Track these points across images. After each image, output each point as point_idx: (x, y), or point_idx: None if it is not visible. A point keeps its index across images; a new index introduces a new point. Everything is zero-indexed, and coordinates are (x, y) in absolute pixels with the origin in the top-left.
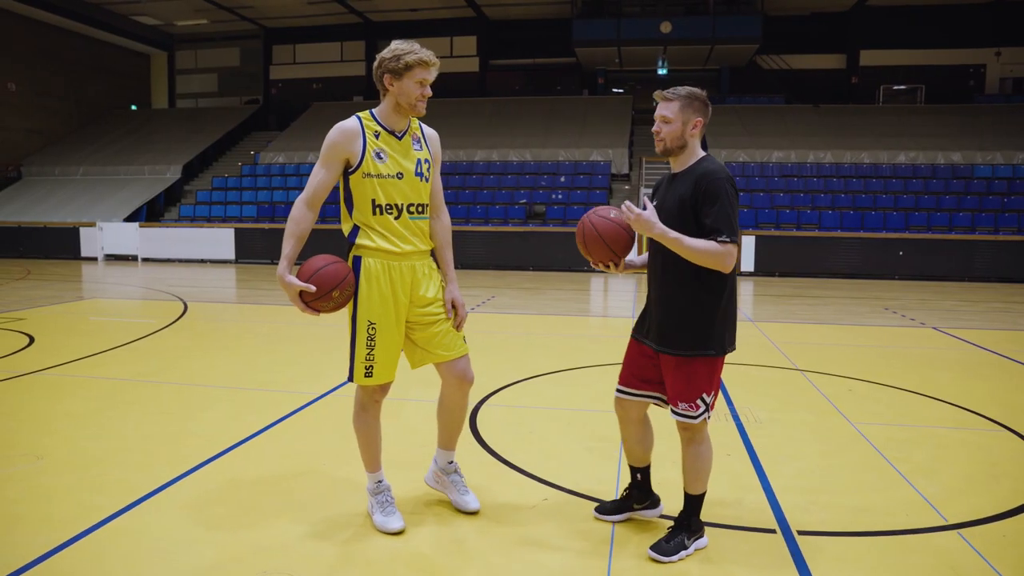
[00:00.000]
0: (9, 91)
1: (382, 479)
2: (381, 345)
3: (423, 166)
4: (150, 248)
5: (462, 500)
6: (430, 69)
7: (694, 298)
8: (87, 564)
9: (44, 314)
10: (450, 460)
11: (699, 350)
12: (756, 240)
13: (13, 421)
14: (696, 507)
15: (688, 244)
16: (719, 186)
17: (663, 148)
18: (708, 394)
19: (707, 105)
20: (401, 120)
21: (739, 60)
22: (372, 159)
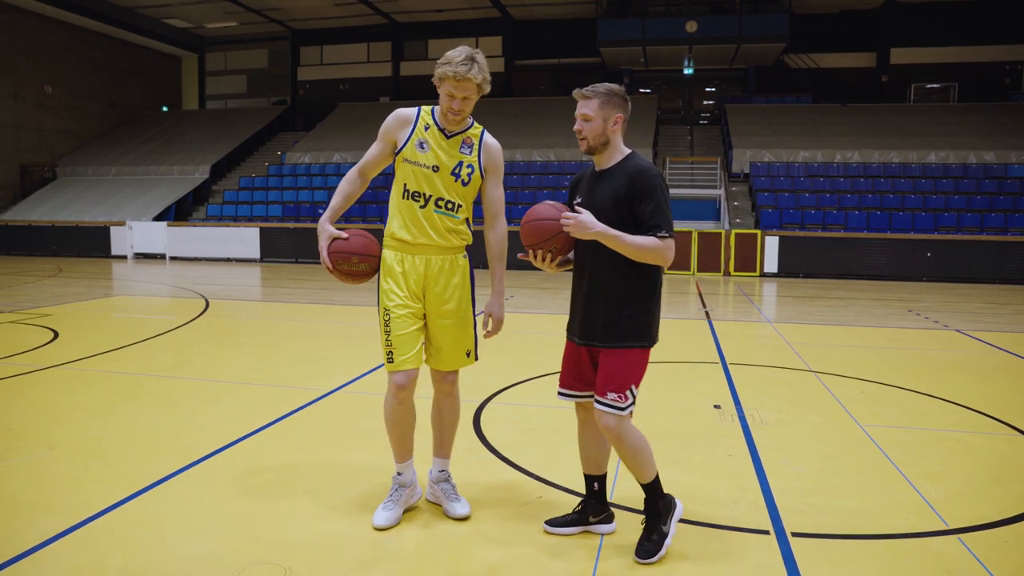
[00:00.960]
0: (46, 94)
1: (401, 472)
2: (396, 332)
3: (464, 169)
4: (178, 247)
5: (451, 507)
6: (459, 86)
7: (627, 292)
8: (85, 552)
9: (71, 310)
10: (442, 468)
11: (632, 341)
12: (780, 240)
13: (30, 412)
14: (655, 492)
15: (629, 241)
16: (653, 183)
17: (587, 146)
18: (636, 385)
19: (627, 101)
20: (451, 123)
21: (766, 59)
22: (414, 146)
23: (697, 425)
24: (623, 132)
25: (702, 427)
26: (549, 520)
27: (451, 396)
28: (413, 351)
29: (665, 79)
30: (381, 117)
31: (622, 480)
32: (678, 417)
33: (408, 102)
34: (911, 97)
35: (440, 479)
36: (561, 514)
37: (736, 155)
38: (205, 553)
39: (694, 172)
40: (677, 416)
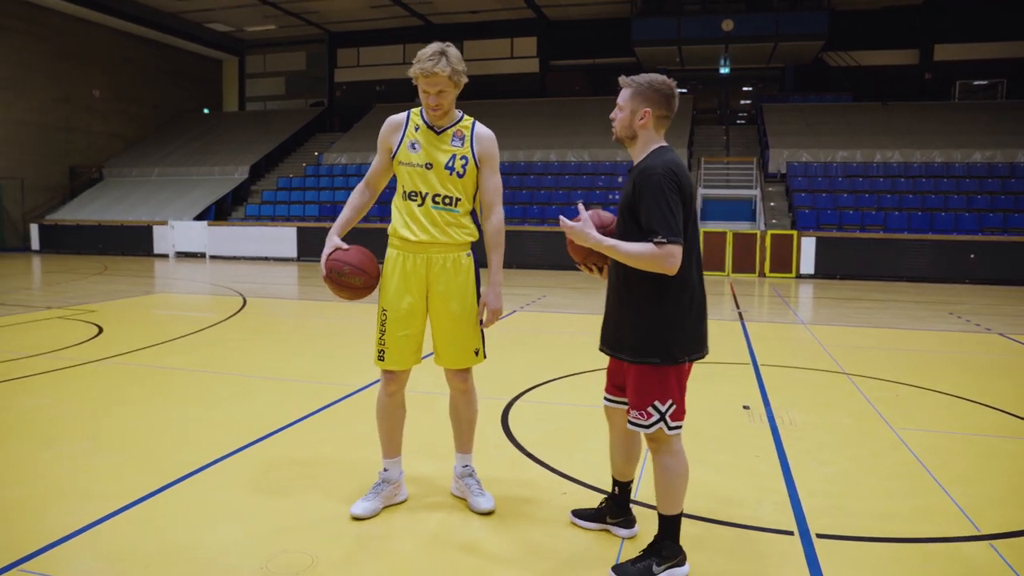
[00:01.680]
0: (94, 97)
1: (387, 468)
2: (391, 332)
3: (457, 162)
4: (217, 246)
5: (475, 502)
6: (429, 81)
7: (636, 304)
8: (124, 537)
9: (115, 307)
10: (465, 464)
11: (642, 357)
12: (816, 242)
13: (74, 404)
14: (669, 531)
15: (623, 249)
16: (653, 183)
17: (614, 135)
18: (662, 403)
19: (666, 97)
20: (439, 118)
21: (804, 57)
22: (406, 148)
23: (725, 426)
24: (658, 128)
25: (730, 428)
26: (575, 511)
27: (466, 393)
28: (404, 353)
29: (701, 79)
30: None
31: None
32: (706, 417)
33: None
34: (956, 95)
35: (464, 474)
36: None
37: (772, 155)
38: (236, 541)
39: (729, 172)
40: (705, 416)
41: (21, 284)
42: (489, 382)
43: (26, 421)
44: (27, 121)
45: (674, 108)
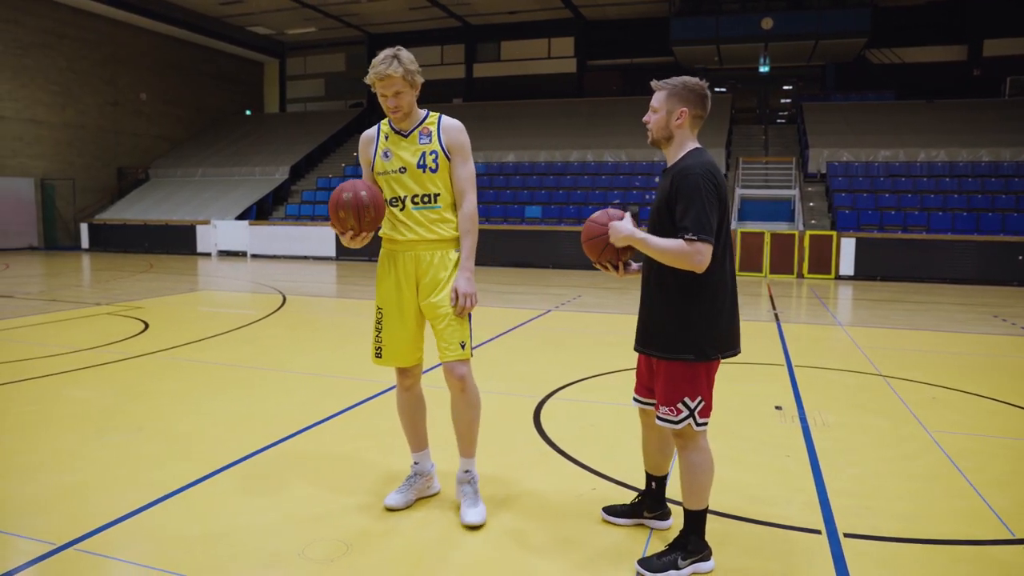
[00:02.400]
0: (141, 101)
1: (417, 462)
2: (386, 329)
3: (427, 158)
4: (258, 245)
5: (462, 513)
6: (384, 83)
7: (670, 301)
8: (168, 522)
9: (160, 304)
10: (466, 469)
11: (674, 354)
12: (856, 242)
13: (122, 396)
14: (695, 526)
15: (654, 244)
16: (691, 182)
17: (650, 138)
18: (692, 399)
19: (701, 97)
20: (400, 120)
21: (846, 55)
22: (380, 159)
23: (756, 425)
24: (693, 128)
25: (761, 427)
26: (606, 507)
27: (464, 393)
28: (401, 350)
29: (740, 78)
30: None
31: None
32: (737, 417)
33: (480, 104)
34: (1007, 91)
35: (463, 480)
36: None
37: (812, 155)
38: (274, 528)
39: (768, 172)
40: (736, 416)
41: (72, 281)
42: (522, 380)
43: (77, 411)
44: (78, 124)
45: (708, 108)
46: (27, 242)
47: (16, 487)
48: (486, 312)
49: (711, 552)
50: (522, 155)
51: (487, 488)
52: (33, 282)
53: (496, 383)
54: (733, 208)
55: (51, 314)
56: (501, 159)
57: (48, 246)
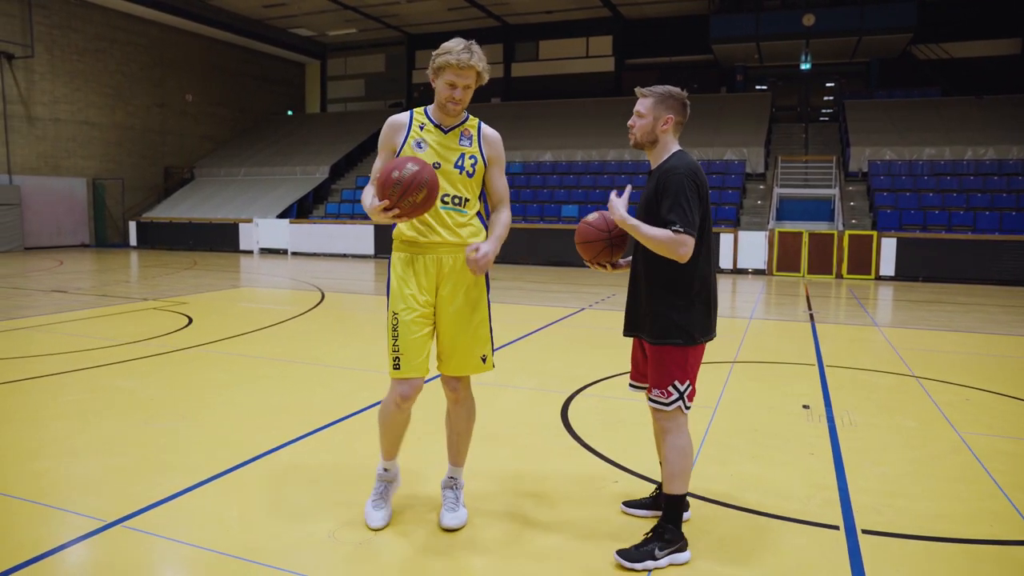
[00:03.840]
0: (187, 102)
1: (389, 468)
2: (403, 337)
3: (467, 161)
4: (299, 243)
5: (442, 515)
6: (462, 74)
7: (661, 290)
8: (208, 504)
9: (203, 299)
10: (452, 476)
11: (665, 339)
12: (898, 242)
13: (167, 387)
14: (672, 512)
15: (644, 231)
16: (676, 180)
17: (634, 141)
18: (681, 382)
19: (683, 105)
20: (448, 117)
21: (890, 51)
22: (411, 147)
23: (782, 423)
24: (675, 133)
25: (787, 425)
26: (626, 501)
27: (464, 403)
28: (420, 358)
29: (780, 75)
30: (492, 117)
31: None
32: (763, 415)
33: (518, 103)
34: None
35: (447, 485)
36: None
37: (854, 153)
38: (307, 511)
39: (808, 171)
40: (763, 414)
41: (121, 277)
42: (552, 376)
43: (126, 400)
44: (127, 125)
45: (687, 115)
46: (80, 239)
47: (70, 468)
48: (520, 310)
49: (687, 543)
50: (559, 154)
51: (512, 479)
52: (84, 278)
53: (526, 378)
54: (771, 208)
55: (101, 308)
56: (538, 158)
57: (99, 243)
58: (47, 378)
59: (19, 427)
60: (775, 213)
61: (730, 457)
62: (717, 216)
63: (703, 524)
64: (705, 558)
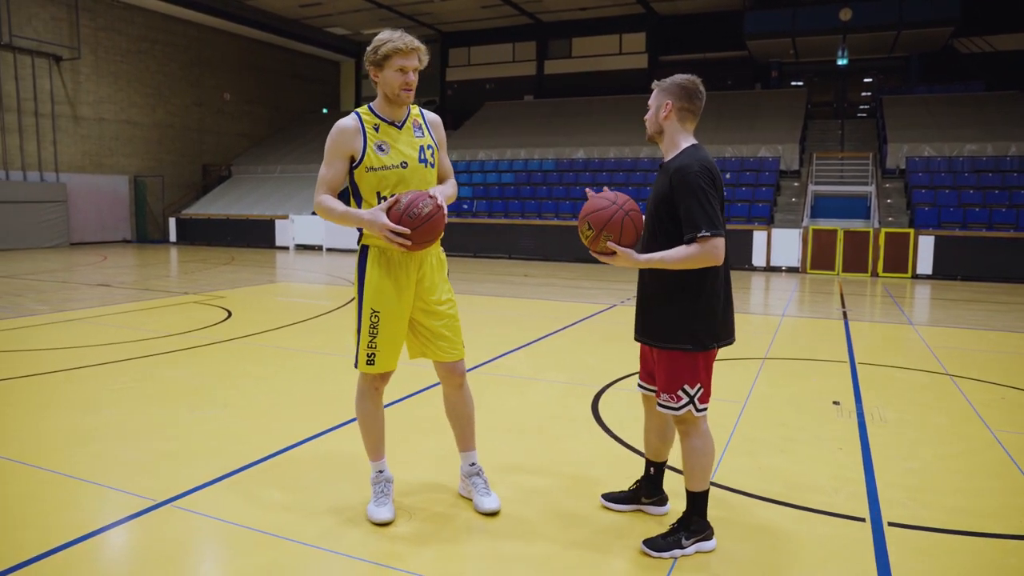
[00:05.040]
0: (224, 100)
1: (383, 469)
2: (384, 334)
3: (426, 152)
4: (333, 239)
5: (480, 501)
6: (408, 56)
7: (668, 294)
8: (249, 488)
9: (241, 294)
10: (471, 462)
11: (674, 344)
12: (936, 240)
13: (210, 377)
14: (697, 506)
15: (670, 259)
16: (691, 180)
17: (647, 134)
18: (691, 386)
19: (686, 90)
20: (397, 110)
21: (932, 44)
22: (374, 152)
23: (811, 419)
24: (682, 122)
25: (816, 421)
26: (605, 494)
27: (463, 388)
28: (395, 354)
29: (817, 71)
30: (525, 115)
31: (727, 461)
32: (793, 410)
33: (551, 100)
34: None
35: (471, 473)
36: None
37: (891, 150)
38: (345, 496)
39: (844, 168)
40: (792, 409)
41: (161, 272)
42: (584, 371)
43: (169, 389)
44: (167, 124)
45: (697, 102)
46: (122, 235)
47: (121, 451)
48: (553, 306)
49: (713, 532)
50: (592, 151)
51: (543, 472)
52: (127, 273)
53: (558, 373)
54: (806, 205)
55: (144, 302)
56: (571, 155)
57: (140, 239)
58: (98, 367)
59: (75, 412)
60: (809, 211)
61: (758, 450)
62: (751, 214)
63: (728, 514)
64: (730, 547)
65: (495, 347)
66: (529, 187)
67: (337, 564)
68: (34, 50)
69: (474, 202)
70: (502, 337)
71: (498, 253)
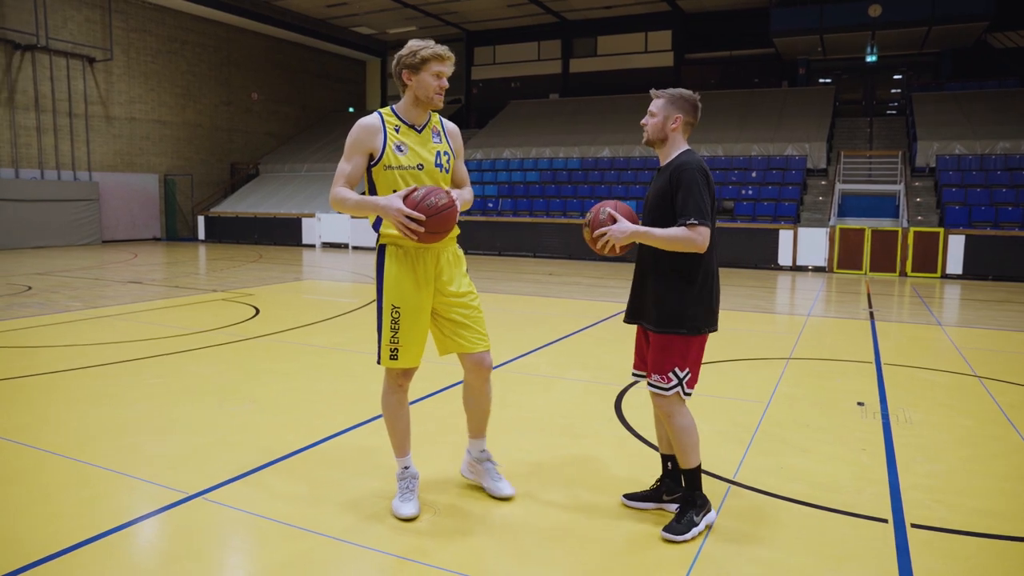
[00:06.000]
0: (252, 100)
1: (409, 465)
2: (405, 329)
3: (443, 158)
4: (359, 237)
5: (495, 487)
6: (445, 63)
7: (667, 281)
8: (278, 481)
9: (269, 291)
10: (482, 449)
11: (670, 328)
12: (966, 240)
13: (237, 373)
14: (694, 481)
15: (657, 235)
16: (689, 175)
17: (645, 139)
18: (681, 369)
19: (694, 106)
20: (420, 114)
21: (964, 40)
22: (393, 152)
23: (835, 419)
24: (684, 133)
25: (840, 422)
26: (627, 494)
27: (488, 381)
28: (418, 350)
29: (845, 68)
30: (550, 114)
31: (749, 460)
32: (815, 411)
33: (576, 99)
34: None
35: (483, 459)
36: None
37: (921, 148)
38: (370, 491)
39: (872, 167)
40: (815, 410)
41: (191, 270)
42: (607, 369)
43: (199, 385)
44: (196, 123)
45: (698, 116)
46: (152, 233)
47: (152, 445)
48: (578, 304)
49: (709, 501)
50: (617, 150)
51: (566, 469)
52: (157, 270)
53: (580, 371)
54: (833, 204)
55: (173, 299)
56: (596, 154)
57: (169, 237)
58: (130, 363)
59: (109, 407)
60: (836, 209)
61: (780, 450)
62: (777, 212)
63: (748, 512)
64: (749, 546)
65: (519, 346)
66: (554, 186)
67: (362, 557)
68: (68, 52)
69: (499, 201)
70: (526, 336)
71: (523, 252)
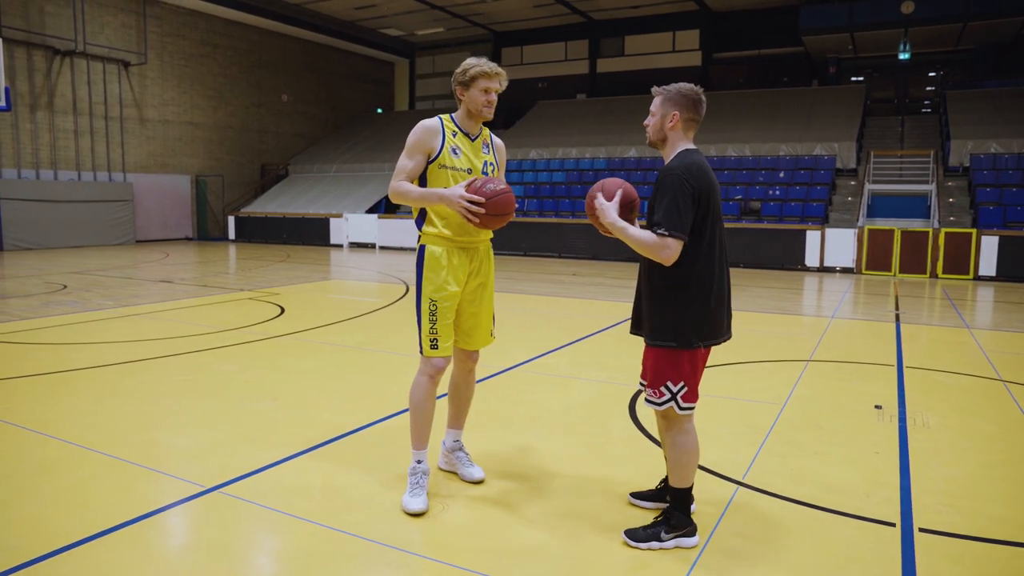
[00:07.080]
0: (282, 101)
1: (422, 460)
2: (442, 320)
3: (489, 168)
4: (386, 237)
5: (467, 472)
6: (493, 79)
7: (656, 290)
8: (295, 476)
9: (295, 291)
10: (456, 439)
11: (659, 340)
12: (1000, 241)
13: (261, 371)
14: (679, 503)
15: (629, 234)
16: (669, 182)
17: (648, 139)
18: (674, 384)
19: (692, 101)
20: (474, 125)
21: (1001, 36)
22: (449, 153)
23: (850, 422)
24: (686, 131)
25: (855, 424)
26: (634, 492)
27: (472, 374)
28: (452, 339)
29: (877, 66)
30: (577, 114)
31: (759, 462)
32: (831, 413)
33: (604, 99)
34: None
35: (455, 448)
36: None
37: (954, 147)
38: (383, 485)
39: (903, 166)
40: (830, 412)
41: (220, 269)
42: (624, 370)
43: (223, 382)
44: (227, 125)
45: (701, 112)
46: (183, 233)
47: (174, 439)
48: (600, 305)
49: (695, 529)
50: (644, 150)
51: (578, 468)
52: (187, 269)
53: (598, 372)
54: (862, 204)
55: (202, 298)
56: (623, 154)
57: (200, 237)
58: (157, 360)
59: (135, 402)
60: (866, 210)
61: (791, 452)
62: (804, 213)
63: (753, 514)
64: (750, 546)
65: (539, 346)
66: (580, 186)
67: (372, 551)
68: (105, 57)
69: (525, 201)
70: (546, 336)
71: (548, 252)
